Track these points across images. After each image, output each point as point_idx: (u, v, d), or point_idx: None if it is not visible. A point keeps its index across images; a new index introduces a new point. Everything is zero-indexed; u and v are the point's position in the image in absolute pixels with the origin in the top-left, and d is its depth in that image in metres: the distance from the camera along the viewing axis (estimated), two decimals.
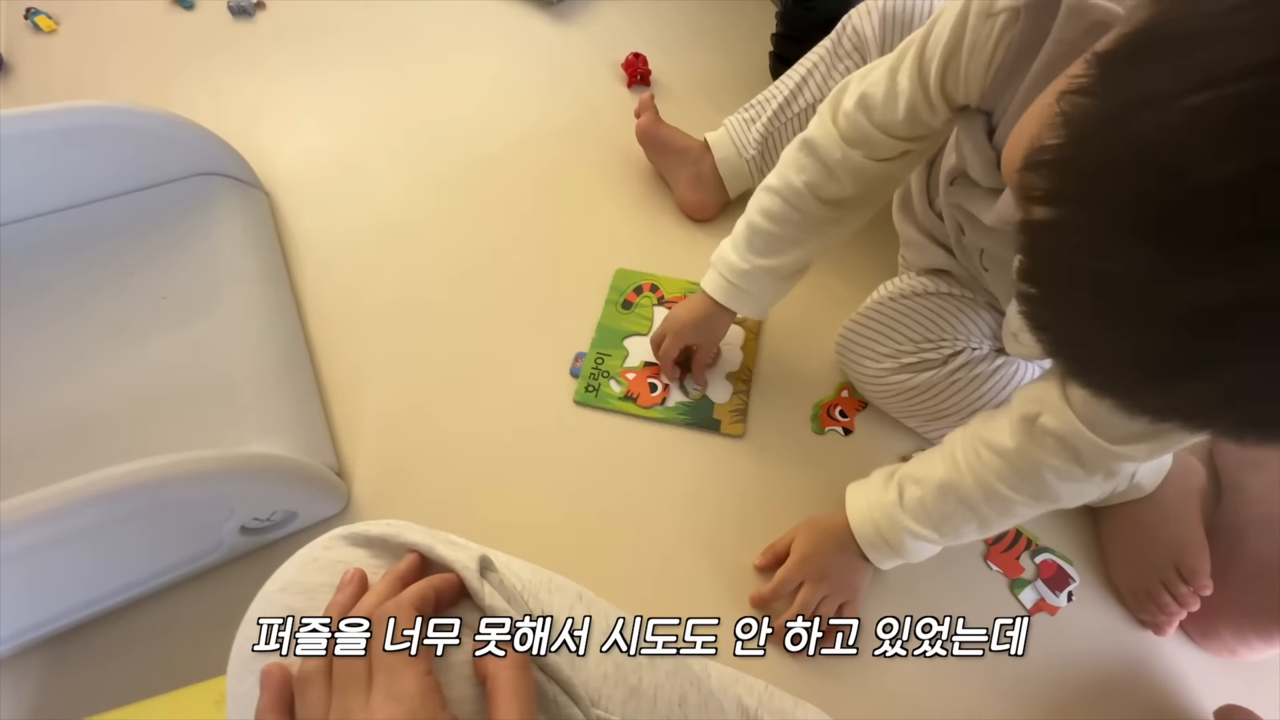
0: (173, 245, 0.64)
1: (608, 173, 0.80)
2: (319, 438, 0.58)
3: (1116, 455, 0.39)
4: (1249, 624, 0.51)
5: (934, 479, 0.47)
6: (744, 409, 0.63)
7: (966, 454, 0.45)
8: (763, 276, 0.55)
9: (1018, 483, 0.43)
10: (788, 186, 0.52)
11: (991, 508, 0.44)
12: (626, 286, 0.70)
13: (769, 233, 0.54)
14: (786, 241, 0.54)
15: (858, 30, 0.63)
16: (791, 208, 0.52)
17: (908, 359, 0.56)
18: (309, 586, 0.31)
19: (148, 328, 0.59)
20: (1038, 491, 0.42)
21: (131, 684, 0.44)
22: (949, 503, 0.46)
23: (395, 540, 0.33)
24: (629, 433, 0.62)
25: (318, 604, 0.31)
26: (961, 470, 0.45)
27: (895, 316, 0.58)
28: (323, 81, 0.86)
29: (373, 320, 0.67)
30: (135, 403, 0.55)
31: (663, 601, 0.53)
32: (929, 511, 0.47)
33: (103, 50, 0.88)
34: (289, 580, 0.32)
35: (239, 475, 0.46)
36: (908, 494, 0.48)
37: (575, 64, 0.91)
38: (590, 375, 0.64)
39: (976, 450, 0.44)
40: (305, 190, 0.76)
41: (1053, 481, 0.41)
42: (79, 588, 0.46)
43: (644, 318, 0.68)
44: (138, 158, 0.66)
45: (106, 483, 0.40)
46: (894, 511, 0.48)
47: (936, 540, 0.48)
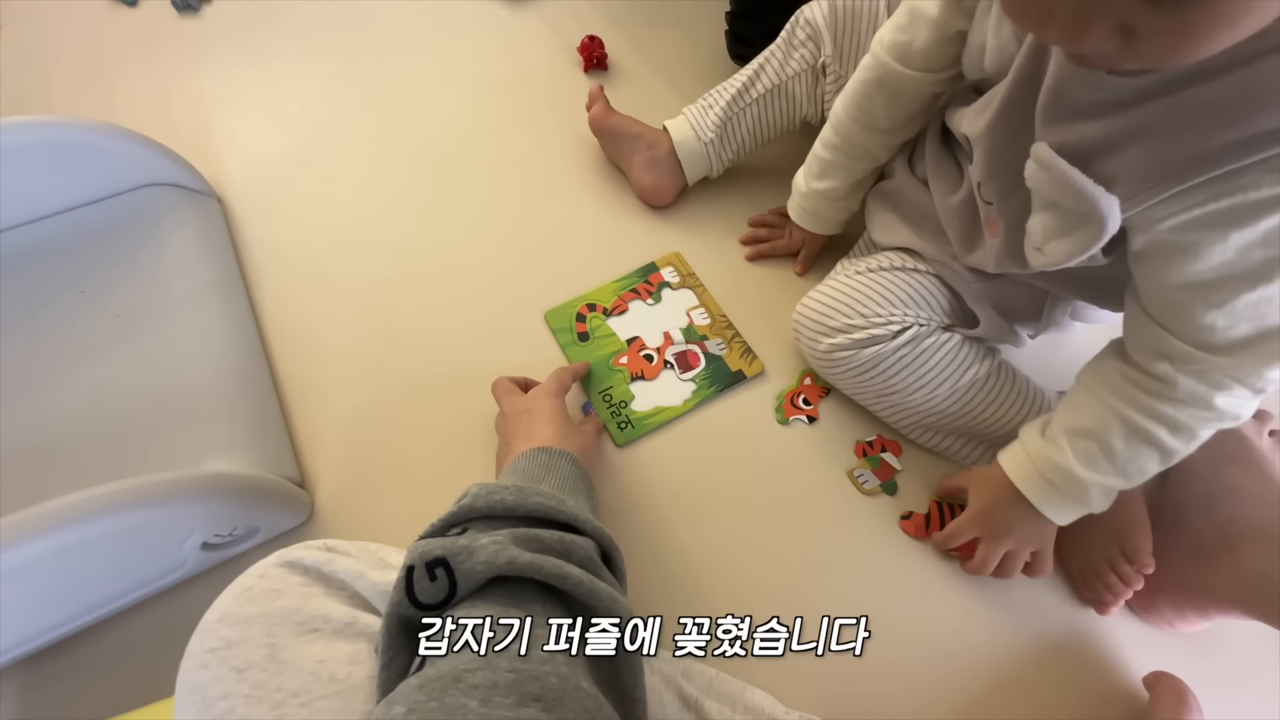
0: (124, 260, 0.64)
1: (568, 164, 0.79)
2: (279, 450, 0.58)
3: (1260, 380, 0.40)
4: (1187, 601, 0.53)
5: (1102, 428, 0.45)
6: (748, 347, 0.66)
7: (1130, 399, 0.44)
8: (818, 199, 0.65)
9: (1194, 413, 0.42)
10: (834, 115, 0.60)
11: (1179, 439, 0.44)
12: (568, 323, 0.67)
13: (822, 159, 0.63)
14: (833, 167, 0.62)
15: (810, 21, 0.66)
16: (837, 134, 0.60)
17: (858, 334, 0.56)
18: (243, 618, 0.32)
19: (101, 346, 0.59)
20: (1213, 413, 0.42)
21: (95, 705, 0.46)
22: (1132, 446, 0.45)
23: (327, 569, 0.35)
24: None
25: (252, 635, 0.32)
26: (1130, 412, 0.44)
27: (849, 291, 0.58)
28: (272, 78, 0.85)
29: (334, 327, 0.67)
30: (90, 425, 0.55)
31: None
32: (1114, 461, 0.45)
33: (45, 51, 0.86)
34: (225, 611, 0.33)
35: (196, 497, 0.47)
36: (1079, 448, 0.46)
37: (532, 49, 0.89)
38: (612, 416, 0.62)
39: (1140, 397, 0.44)
40: (259, 195, 0.75)
41: (1210, 412, 0.41)
42: (33, 616, 0.47)
43: (606, 336, 0.67)
44: (82, 172, 0.65)
45: (57, 514, 0.40)
46: (1073, 469, 0.47)
47: (1124, 485, 0.47)
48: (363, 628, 0.33)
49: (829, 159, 0.62)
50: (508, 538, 0.31)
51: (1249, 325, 0.38)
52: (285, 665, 0.31)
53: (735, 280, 0.71)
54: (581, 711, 0.26)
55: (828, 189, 0.64)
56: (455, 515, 0.34)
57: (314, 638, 0.32)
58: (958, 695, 0.53)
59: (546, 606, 0.31)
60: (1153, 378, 0.43)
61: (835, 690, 0.52)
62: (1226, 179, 0.34)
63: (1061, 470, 0.47)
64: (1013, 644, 0.55)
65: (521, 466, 0.45)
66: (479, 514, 0.34)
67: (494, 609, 0.29)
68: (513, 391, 0.56)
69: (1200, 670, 0.51)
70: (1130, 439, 0.45)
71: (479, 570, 0.30)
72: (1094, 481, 0.47)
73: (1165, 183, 0.35)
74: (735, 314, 0.69)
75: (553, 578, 0.31)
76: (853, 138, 0.59)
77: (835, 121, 0.60)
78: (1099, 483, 0.47)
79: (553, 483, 0.43)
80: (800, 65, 0.67)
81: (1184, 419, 0.43)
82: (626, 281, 0.70)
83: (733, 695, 0.48)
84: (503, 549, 0.30)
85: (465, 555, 0.30)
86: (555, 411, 0.52)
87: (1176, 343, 0.41)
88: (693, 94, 0.73)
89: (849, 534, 0.58)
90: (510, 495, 0.34)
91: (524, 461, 0.45)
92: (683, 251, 0.73)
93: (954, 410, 0.57)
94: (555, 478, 0.44)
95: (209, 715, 0.30)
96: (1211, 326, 0.38)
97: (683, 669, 0.47)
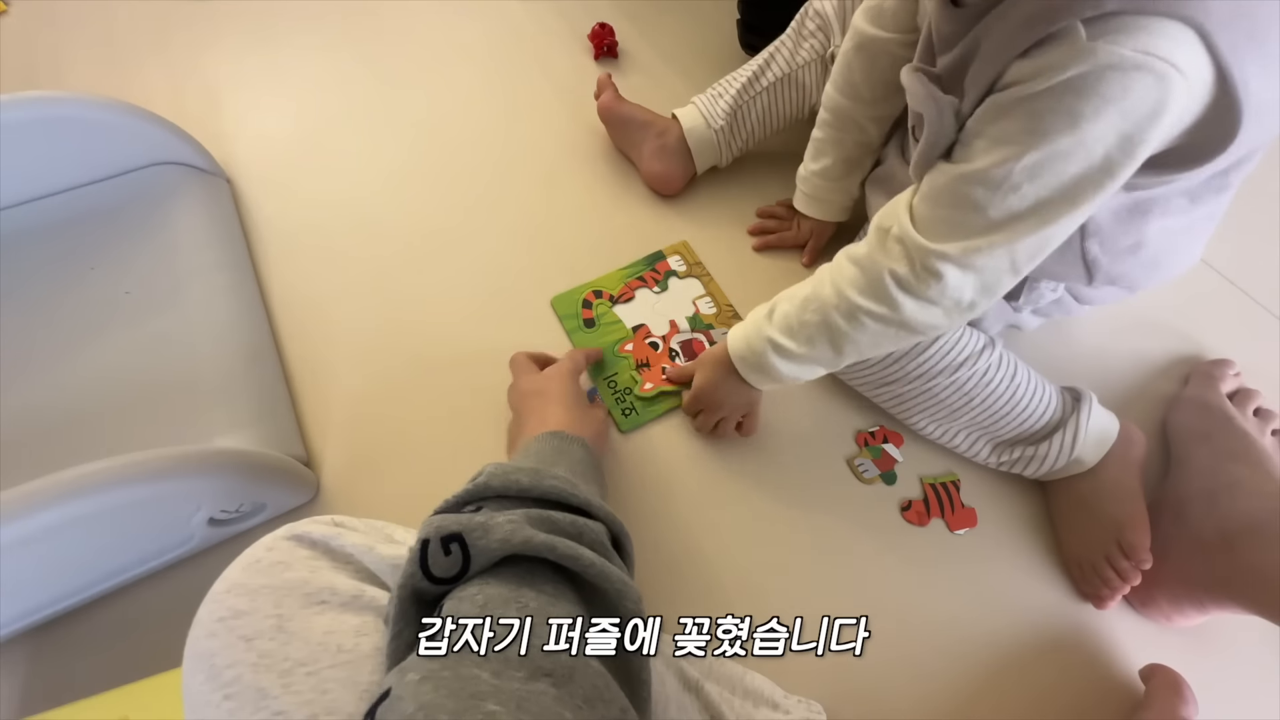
0: (133, 238, 0.65)
1: (576, 151, 0.79)
2: (286, 428, 0.59)
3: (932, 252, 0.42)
4: (1186, 595, 0.53)
5: (800, 293, 0.51)
6: None
7: (831, 268, 0.49)
8: (815, 180, 0.67)
9: (865, 287, 0.46)
10: (825, 93, 0.63)
11: (842, 315, 0.47)
12: (574, 309, 0.68)
13: (816, 139, 0.66)
14: (825, 143, 0.65)
15: (820, 12, 0.66)
16: (826, 109, 0.63)
17: None
18: (251, 589, 0.33)
19: (110, 323, 0.59)
20: (881, 297, 0.45)
21: (102, 675, 0.47)
22: (809, 311, 0.49)
23: (334, 543, 0.35)
24: None
25: (260, 605, 0.32)
26: (823, 281, 0.49)
27: None
28: (283, 62, 0.85)
29: (341, 307, 0.67)
30: (98, 400, 0.56)
31: None
32: (790, 323, 0.51)
33: (56, 31, 0.86)
34: (233, 582, 0.33)
35: (202, 472, 0.47)
36: (777, 310, 0.52)
37: (542, 35, 0.89)
38: (616, 401, 0.63)
39: (838, 263, 0.49)
40: (268, 175, 0.75)
41: (894, 291, 0.44)
42: (42, 587, 0.48)
43: (612, 323, 0.67)
44: (93, 149, 0.65)
45: (65, 486, 0.41)
46: (762, 325, 0.53)
47: (796, 352, 0.51)
48: (369, 601, 0.33)
49: (820, 136, 0.65)
50: (523, 517, 0.32)
51: None
52: (293, 635, 0.31)
53: (742, 270, 0.71)
54: (590, 688, 0.27)
55: (822, 168, 0.66)
56: (470, 493, 0.34)
57: (321, 609, 0.32)
58: (954, 687, 0.53)
59: (558, 588, 0.31)
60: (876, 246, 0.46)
61: (835, 685, 0.52)
62: None
63: (758, 328, 0.53)
64: (1010, 636, 0.55)
65: (534, 449, 0.45)
66: (494, 493, 0.34)
67: (506, 588, 0.30)
68: (529, 369, 0.57)
69: (1197, 664, 0.51)
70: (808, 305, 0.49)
71: (494, 548, 0.30)
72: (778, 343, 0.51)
73: None
74: (742, 304, 0.69)
75: (566, 559, 0.31)
76: (840, 110, 0.62)
77: (825, 98, 0.63)
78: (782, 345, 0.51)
79: (565, 467, 0.43)
80: (810, 55, 0.67)
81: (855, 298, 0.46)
82: (633, 269, 0.71)
83: (733, 679, 0.48)
84: (518, 528, 0.31)
85: (481, 532, 0.30)
86: (567, 394, 0.52)
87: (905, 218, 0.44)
88: (702, 83, 0.73)
89: (849, 526, 0.59)
90: (526, 477, 0.35)
91: (537, 445, 0.46)
92: (690, 241, 0.73)
93: (954, 401, 0.57)
94: (568, 462, 0.44)
95: (217, 683, 0.31)
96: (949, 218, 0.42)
97: None
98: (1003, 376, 0.57)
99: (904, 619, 0.55)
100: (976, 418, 0.57)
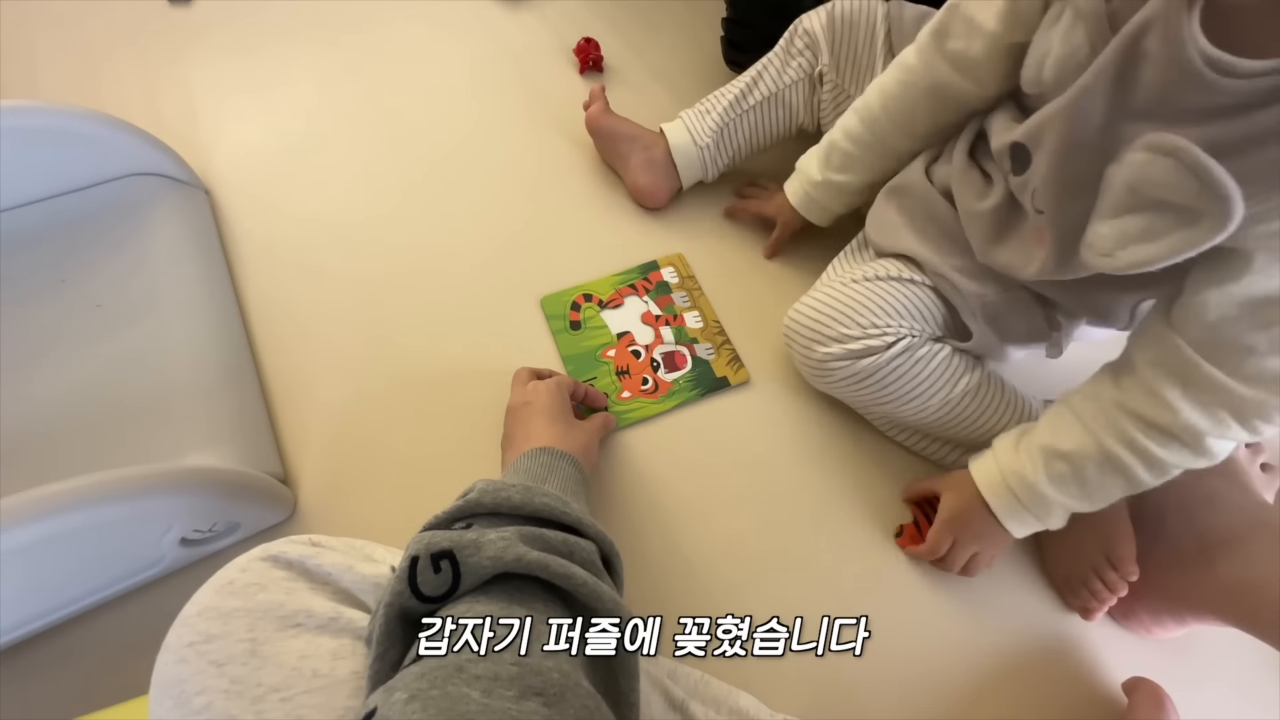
0: (107, 250, 0.63)
1: (562, 164, 0.79)
2: (263, 444, 0.57)
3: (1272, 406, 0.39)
4: (1165, 607, 0.53)
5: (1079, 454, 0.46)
6: (736, 355, 0.66)
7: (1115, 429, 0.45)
8: (830, 190, 0.65)
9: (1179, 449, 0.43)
10: (868, 110, 0.59)
11: (1152, 474, 0.45)
12: (563, 310, 0.68)
13: (847, 153, 0.62)
14: (857, 162, 0.62)
15: (808, 31, 0.66)
16: (870, 131, 0.59)
17: (854, 344, 0.56)
18: (224, 611, 0.32)
19: (81, 337, 0.58)
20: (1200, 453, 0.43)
21: (66, 703, 0.45)
22: (1105, 475, 0.46)
23: (311, 563, 0.34)
24: None
25: (232, 629, 0.31)
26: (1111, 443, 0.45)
27: (846, 300, 0.57)
28: (263, 71, 0.84)
29: (321, 321, 0.66)
30: (67, 416, 0.54)
31: None
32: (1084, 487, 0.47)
33: (31, 38, 0.84)
34: (205, 605, 0.32)
35: (174, 490, 0.46)
36: (1052, 469, 0.48)
37: (527, 50, 0.89)
38: None
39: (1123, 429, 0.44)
40: (247, 187, 0.74)
41: (1213, 444, 0.42)
42: (5, 610, 0.45)
43: (598, 328, 0.67)
44: (66, 159, 0.64)
45: (27, 506, 0.39)
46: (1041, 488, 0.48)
47: (1087, 508, 0.48)
48: (347, 623, 0.33)
49: (854, 154, 0.61)
50: (515, 535, 0.31)
51: None
52: (266, 660, 0.30)
53: (727, 285, 0.71)
54: (581, 709, 0.26)
55: (845, 183, 0.63)
56: (460, 510, 0.34)
57: (297, 632, 0.31)
58: (939, 695, 0.53)
59: (549, 606, 0.31)
60: (1156, 402, 0.42)
61: (823, 691, 0.52)
62: None
63: (1029, 487, 0.48)
64: (994, 647, 0.55)
65: (524, 466, 0.45)
66: (485, 510, 0.34)
67: (497, 605, 0.29)
68: (521, 381, 0.56)
69: (1178, 676, 0.52)
70: (1105, 468, 0.46)
71: (485, 565, 0.30)
72: (1058, 502, 0.48)
73: None
74: (727, 319, 0.69)
75: (558, 577, 0.31)
76: (887, 138, 0.59)
77: (869, 118, 0.59)
78: (1063, 503, 0.48)
79: (556, 484, 0.43)
80: (798, 74, 0.68)
81: (1165, 457, 0.43)
82: (626, 276, 0.71)
83: (719, 698, 0.47)
84: (510, 545, 0.30)
85: (472, 549, 0.30)
86: (552, 407, 0.52)
87: (1203, 365, 0.40)
88: (688, 98, 0.74)
89: (843, 535, 0.59)
90: (517, 494, 0.34)
91: (526, 461, 0.45)
92: (678, 253, 0.73)
93: (944, 418, 0.57)
94: (558, 479, 0.44)
95: (186, 711, 0.29)
96: (1251, 349, 0.38)
97: (669, 670, 0.46)
98: (991, 394, 0.57)
99: (894, 627, 0.55)
100: (965, 433, 0.58)
